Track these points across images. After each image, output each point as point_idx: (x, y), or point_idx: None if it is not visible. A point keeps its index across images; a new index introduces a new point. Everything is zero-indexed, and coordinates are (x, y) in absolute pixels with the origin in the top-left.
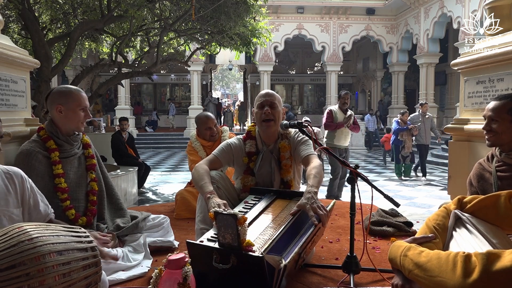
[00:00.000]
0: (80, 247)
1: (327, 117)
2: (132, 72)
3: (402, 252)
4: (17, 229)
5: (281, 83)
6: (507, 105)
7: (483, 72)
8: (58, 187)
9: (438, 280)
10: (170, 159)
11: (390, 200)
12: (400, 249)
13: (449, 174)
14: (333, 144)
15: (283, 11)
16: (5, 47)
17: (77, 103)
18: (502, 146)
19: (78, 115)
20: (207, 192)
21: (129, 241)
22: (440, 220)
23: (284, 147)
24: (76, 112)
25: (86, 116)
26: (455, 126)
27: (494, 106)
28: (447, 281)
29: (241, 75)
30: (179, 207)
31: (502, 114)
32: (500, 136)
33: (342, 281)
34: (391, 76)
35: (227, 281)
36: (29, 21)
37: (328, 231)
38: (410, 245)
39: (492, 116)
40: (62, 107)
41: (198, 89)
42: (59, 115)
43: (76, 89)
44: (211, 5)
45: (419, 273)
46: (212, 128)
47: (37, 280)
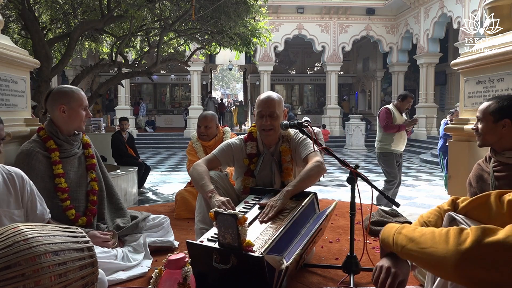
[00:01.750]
0: (76, 247)
1: (387, 117)
2: (132, 72)
3: (396, 230)
4: (12, 229)
5: (281, 83)
6: (490, 106)
7: (483, 72)
8: (58, 187)
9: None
10: (170, 159)
11: (390, 200)
12: (393, 229)
13: (449, 174)
14: (390, 149)
15: (283, 11)
16: (5, 47)
17: (79, 102)
18: (494, 146)
19: (80, 114)
20: (208, 191)
21: (129, 241)
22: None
23: (285, 151)
24: (78, 111)
25: (87, 115)
26: (455, 126)
27: (481, 107)
28: (439, 250)
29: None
30: (179, 207)
31: (486, 114)
32: (484, 137)
33: (342, 281)
34: (391, 76)
35: (227, 281)
36: (29, 21)
37: (328, 231)
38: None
39: (478, 116)
40: (65, 106)
41: (198, 89)
42: (62, 115)
43: (77, 89)
44: (211, 5)
45: (412, 247)
46: (201, 127)
47: (33, 280)
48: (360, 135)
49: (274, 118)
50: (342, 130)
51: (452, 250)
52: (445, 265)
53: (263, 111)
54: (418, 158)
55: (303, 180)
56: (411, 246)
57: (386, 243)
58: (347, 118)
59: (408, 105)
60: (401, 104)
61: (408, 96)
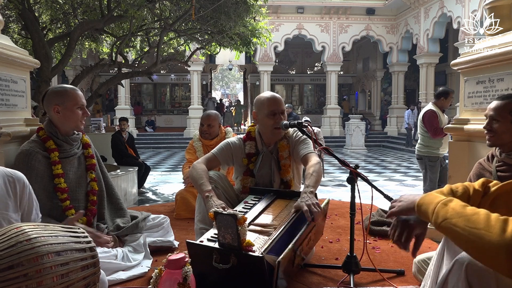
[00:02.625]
0: (78, 247)
1: (434, 121)
2: (132, 72)
3: (441, 201)
4: (15, 229)
5: (281, 83)
6: (508, 105)
7: (483, 72)
8: (58, 187)
9: (481, 233)
10: (170, 159)
11: (390, 200)
12: (437, 198)
13: (449, 174)
14: (437, 153)
15: (283, 11)
16: (5, 47)
17: (74, 102)
18: (502, 147)
19: (76, 114)
20: (205, 191)
21: (129, 241)
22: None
23: (282, 147)
24: (73, 111)
25: (84, 114)
26: (455, 126)
27: (496, 105)
28: (492, 236)
29: (241, 75)
30: (179, 207)
31: (503, 113)
32: (500, 136)
33: (342, 281)
34: (391, 76)
35: (227, 281)
36: (29, 21)
37: (328, 231)
38: (451, 198)
39: (493, 115)
40: (59, 107)
41: (198, 89)
42: (57, 115)
43: (72, 88)
44: (211, 5)
45: (458, 222)
46: (204, 125)
47: (35, 281)
48: (360, 135)
49: (285, 116)
50: (342, 130)
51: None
52: (496, 254)
53: (275, 109)
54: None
55: (317, 180)
56: (457, 221)
57: (423, 210)
58: (347, 118)
59: (450, 102)
60: (444, 102)
61: (450, 92)
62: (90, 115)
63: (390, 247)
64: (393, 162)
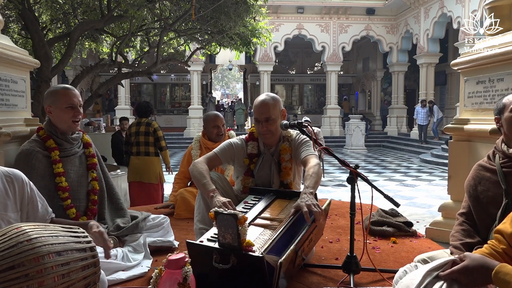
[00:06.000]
0: (79, 247)
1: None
2: (132, 72)
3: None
4: (15, 229)
5: (281, 83)
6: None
7: (483, 72)
8: (59, 186)
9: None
10: (170, 159)
11: (390, 200)
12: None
13: (449, 174)
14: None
15: (283, 11)
16: (5, 47)
17: (63, 101)
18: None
19: (65, 113)
20: (209, 190)
21: (129, 241)
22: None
23: (284, 149)
24: (63, 110)
25: (76, 114)
26: (455, 126)
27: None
28: None
29: (241, 75)
30: (179, 207)
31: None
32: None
33: (342, 281)
34: (391, 76)
35: (227, 281)
36: (29, 21)
37: (328, 231)
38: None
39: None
40: (50, 107)
41: (198, 89)
42: (50, 115)
43: (64, 87)
44: (211, 5)
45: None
46: (219, 126)
47: (36, 281)
48: (360, 135)
49: (270, 122)
50: (342, 130)
51: None
52: None
53: (258, 117)
54: (418, 158)
55: (317, 181)
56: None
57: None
58: (347, 118)
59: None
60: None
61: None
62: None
63: (390, 247)
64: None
